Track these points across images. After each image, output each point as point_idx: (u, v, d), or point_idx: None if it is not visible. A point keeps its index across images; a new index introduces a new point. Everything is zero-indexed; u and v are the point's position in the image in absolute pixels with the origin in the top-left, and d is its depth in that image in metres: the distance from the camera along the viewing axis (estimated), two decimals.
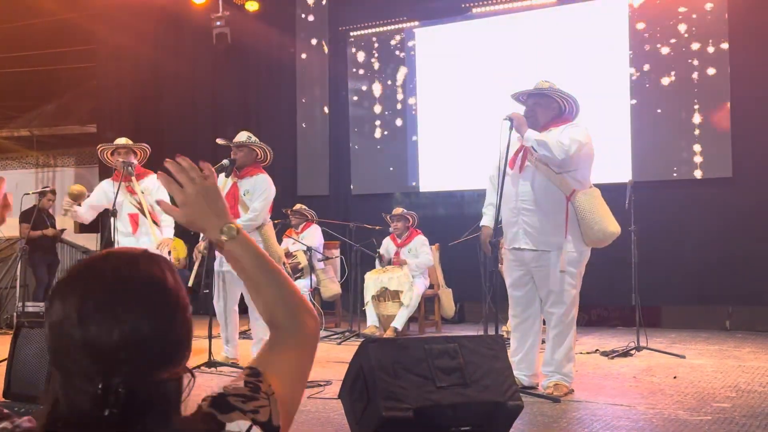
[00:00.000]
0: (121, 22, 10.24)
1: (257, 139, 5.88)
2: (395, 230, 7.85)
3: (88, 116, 11.67)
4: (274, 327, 1.35)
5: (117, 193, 6.10)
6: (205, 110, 10.70)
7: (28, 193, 8.86)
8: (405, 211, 7.91)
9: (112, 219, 6.14)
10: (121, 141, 6.40)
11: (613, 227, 4.50)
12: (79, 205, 6.23)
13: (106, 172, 8.22)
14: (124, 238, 6.17)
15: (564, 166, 4.42)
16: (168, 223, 6.33)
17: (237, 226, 1.35)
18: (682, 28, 8.27)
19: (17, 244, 9.50)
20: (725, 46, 8.02)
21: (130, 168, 6.22)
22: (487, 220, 4.77)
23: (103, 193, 6.27)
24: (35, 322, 5.43)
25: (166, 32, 10.60)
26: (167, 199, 5.46)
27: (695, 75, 8.17)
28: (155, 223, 6.25)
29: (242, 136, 5.83)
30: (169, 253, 6.50)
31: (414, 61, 9.69)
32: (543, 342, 4.89)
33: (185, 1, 10.20)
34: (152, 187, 6.35)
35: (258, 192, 5.69)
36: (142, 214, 6.25)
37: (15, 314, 8.58)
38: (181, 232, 9.09)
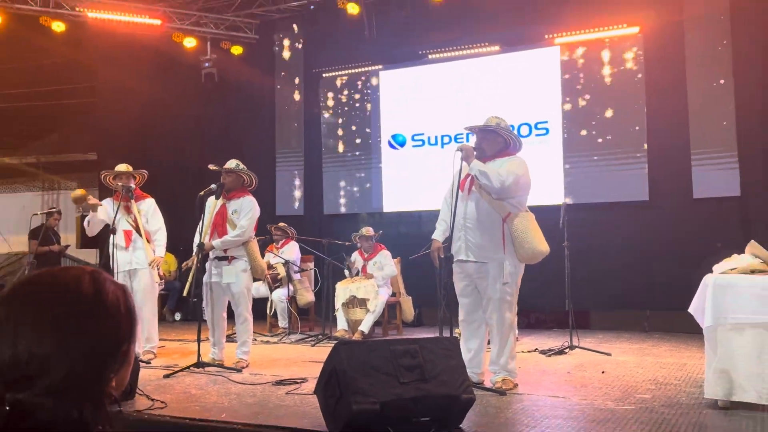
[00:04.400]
0: (120, 62, 10.13)
1: (245, 167, 5.85)
2: (362, 247, 7.87)
3: (89, 145, 11.51)
4: None
5: (117, 211, 6.04)
6: (194, 140, 10.60)
7: (37, 214, 8.66)
8: (372, 230, 7.90)
9: (111, 235, 6.05)
10: (122, 167, 6.31)
11: (542, 246, 4.51)
12: (89, 206, 6.10)
13: (105, 194, 8.07)
14: (120, 252, 6.07)
15: (500, 193, 4.44)
16: (160, 243, 6.24)
17: None
18: (606, 72, 8.47)
19: (24, 259, 9.29)
20: (642, 89, 8.23)
21: (129, 191, 6.16)
22: (437, 234, 4.74)
23: (105, 211, 6.19)
24: None
25: (160, 72, 10.51)
26: (161, 222, 5.37)
27: (617, 113, 8.35)
28: (148, 240, 6.16)
29: (231, 163, 5.79)
30: (158, 267, 6.41)
31: (378, 99, 9.73)
32: (489, 343, 4.91)
33: (177, 45, 10.16)
34: (148, 209, 6.29)
35: (244, 211, 5.66)
36: (136, 232, 6.16)
37: None
38: (171, 248, 8.98)
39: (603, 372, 5.17)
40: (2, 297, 1.06)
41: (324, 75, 10.08)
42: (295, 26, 10.32)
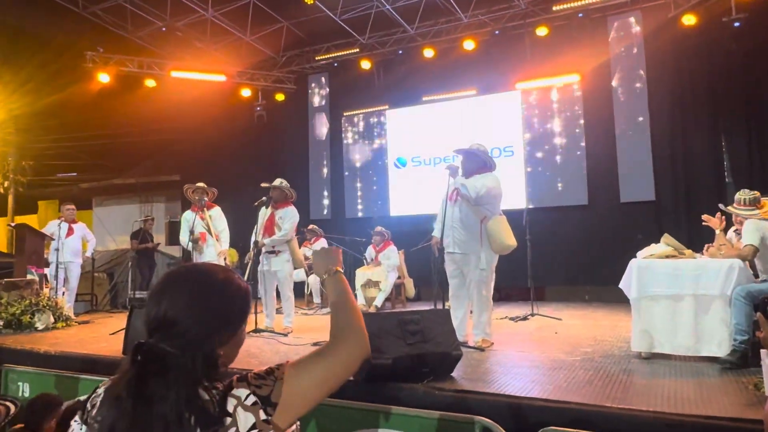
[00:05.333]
0: (195, 108, 10.20)
1: (288, 184, 5.85)
2: (375, 242, 7.85)
3: (174, 169, 11.54)
4: (330, 337, 1.21)
5: (195, 219, 6.05)
6: (250, 164, 10.59)
7: (137, 220, 8.72)
8: (382, 229, 7.90)
9: (190, 236, 6.06)
10: (200, 184, 6.35)
11: (510, 241, 4.42)
12: (195, 241, 6.09)
13: (185, 206, 8.12)
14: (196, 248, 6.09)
15: (476, 201, 4.37)
16: (225, 240, 6.25)
17: (337, 270, 1.34)
18: (554, 108, 8.44)
19: (127, 254, 9.33)
20: (581, 119, 8.20)
21: (203, 202, 6.19)
22: (436, 232, 4.71)
23: (186, 220, 6.22)
24: (141, 304, 5.30)
25: (224, 114, 10.54)
26: (225, 224, 5.22)
27: (563, 139, 8.32)
28: (216, 239, 6.19)
29: (277, 182, 5.77)
30: (225, 258, 6.43)
31: (385, 131, 9.72)
32: (471, 312, 4.87)
33: (237, 94, 10.21)
34: (216, 215, 6.30)
35: (287, 218, 5.62)
36: (208, 232, 6.18)
37: (128, 299, 8.42)
38: (233, 244, 9.00)
39: (556, 332, 5.14)
40: (163, 277, 1.15)
41: (345, 114, 10.08)
42: (323, 78, 10.34)
